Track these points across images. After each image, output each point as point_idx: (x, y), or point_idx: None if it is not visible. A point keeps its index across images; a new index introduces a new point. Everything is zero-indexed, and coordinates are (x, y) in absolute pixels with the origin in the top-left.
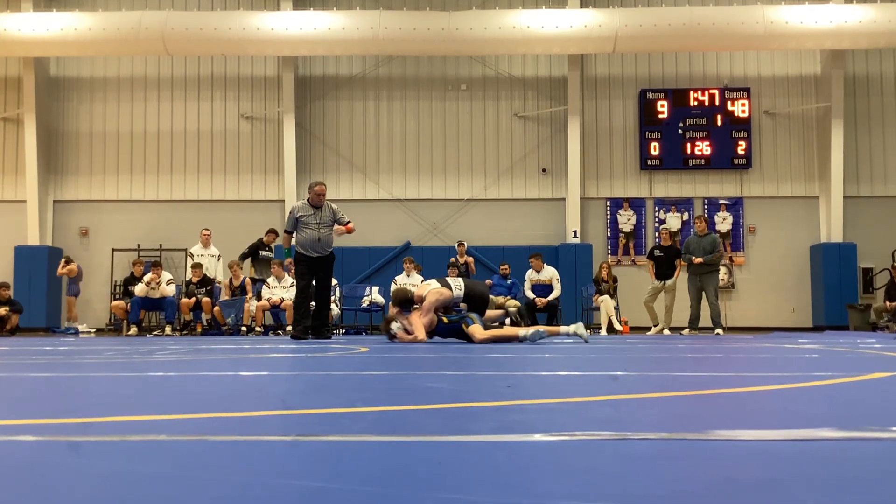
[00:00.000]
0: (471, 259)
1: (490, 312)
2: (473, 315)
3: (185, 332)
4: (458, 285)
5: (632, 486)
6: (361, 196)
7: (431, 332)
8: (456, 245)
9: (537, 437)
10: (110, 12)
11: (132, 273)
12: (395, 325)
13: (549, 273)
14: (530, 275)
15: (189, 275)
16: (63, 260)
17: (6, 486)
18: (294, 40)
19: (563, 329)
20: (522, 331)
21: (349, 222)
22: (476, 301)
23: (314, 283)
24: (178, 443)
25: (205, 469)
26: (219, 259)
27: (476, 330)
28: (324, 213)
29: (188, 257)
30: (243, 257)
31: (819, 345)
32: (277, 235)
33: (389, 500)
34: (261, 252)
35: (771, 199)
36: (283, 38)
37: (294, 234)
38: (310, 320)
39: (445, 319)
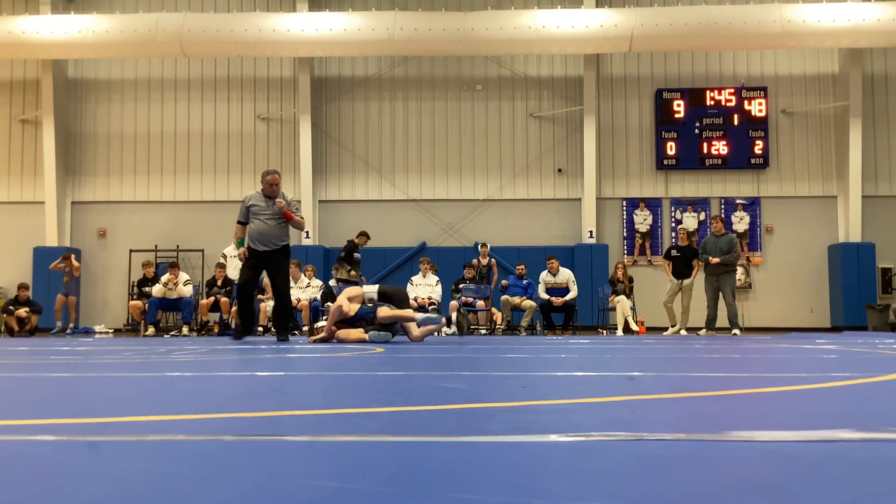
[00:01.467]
0: (494, 261)
1: (398, 312)
2: (384, 305)
3: (202, 332)
4: (370, 289)
5: (647, 488)
6: (377, 196)
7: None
8: (479, 246)
9: (552, 437)
10: (128, 14)
11: (144, 275)
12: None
13: (566, 276)
14: (545, 277)
15: (211, 274)
16: (73, 256)
17: (26, 486)
18: (310, 41)
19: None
20: (420, 315)
21: (297, 214)
22: (389, 299)
23: (263, 279)
24: (195, 443)
25: (221, 469)
26: None
27: (381, 310)
28: (276, 205)
29: (222, 257)
30: (340, 260)
31: (837, 345)
32: (369, 238)
33: (405, 500)
34: (354, 254)
35: (788, 199)
36: (299, 39)
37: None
38: (252, 322)
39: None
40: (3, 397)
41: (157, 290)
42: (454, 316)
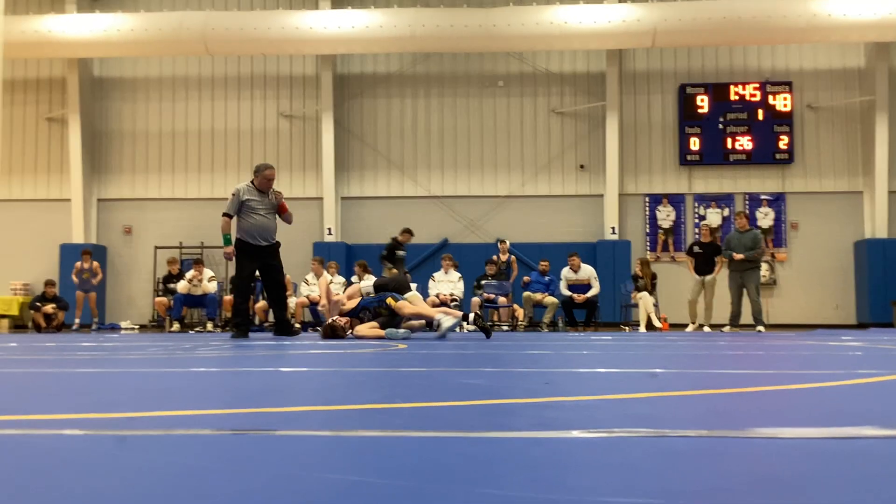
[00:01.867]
0: (514, 257)
1: (421, 310)
2: (394, 295)
3: (226, 328)
4: (367, 283)
5: (670, 483)
6: (399, 193)
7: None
8: (497, 243)
9: (574, 433)
10: (152, 13)
11: (169, 272)
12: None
13: (588, 272)
14: (567, 274)
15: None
16: (90, 255)
17: (55, 480)
18: (332, 39)
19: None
20: (446, 319)
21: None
22: (387, 289)
23: (260, 275)
24: (220, 437)
25: (246, 462)
26: None
27: (403, 304)
28: (270, 198)
29: None
30: (383, 258)
31: (863, 342)
32: (412, 234)
33: (427, 495)
34: (397, 252)
35: (814, 195)
36: (322, 36)
37: (236, 220)
38: (249, 320)
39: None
40: (32, 392)
41: (181, 286)
42: (470, 317)
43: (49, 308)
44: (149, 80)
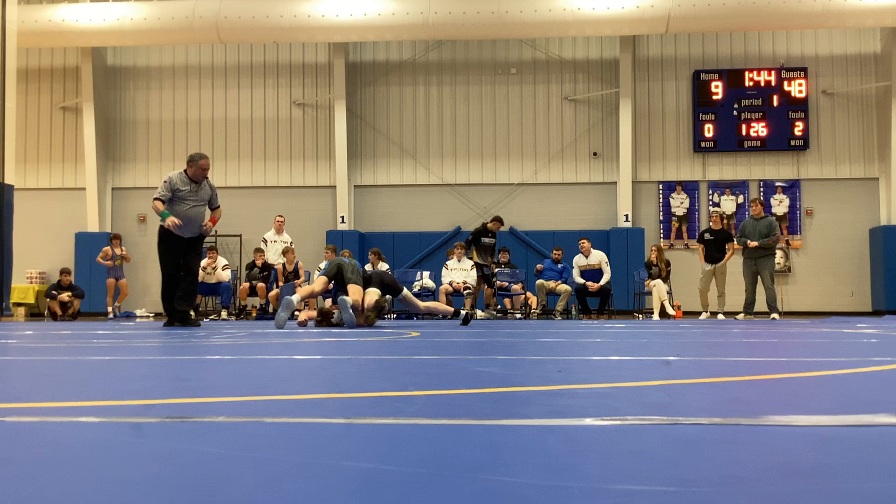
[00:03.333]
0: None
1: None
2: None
3: (240, 316)
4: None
5: (684, 471)
6: (412, 181)
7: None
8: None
9: (588, 421)
10: (165, 1)
11: None
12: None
13: (598, 257)
14: (578, 260)
15: (249, 259)
16: (119, 240)
17: (73, 466)
18: (345, 27)
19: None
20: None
21: (218, 207)
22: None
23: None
24: (235, 424)
25: (261, 449)
26: (291, 244)
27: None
28: (202, 190)
29: (262, 243)
30: (468, 244)
31: (878, 329)
32: (502, 223)
33: (441, 482)
34: (483, 238)
35: (829, 181)
36: (334, 24)
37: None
38: (176, 309)
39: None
40: (49, 380)
41: None
42: (462, 312)
43: (65, 296)
44: (162, 69)
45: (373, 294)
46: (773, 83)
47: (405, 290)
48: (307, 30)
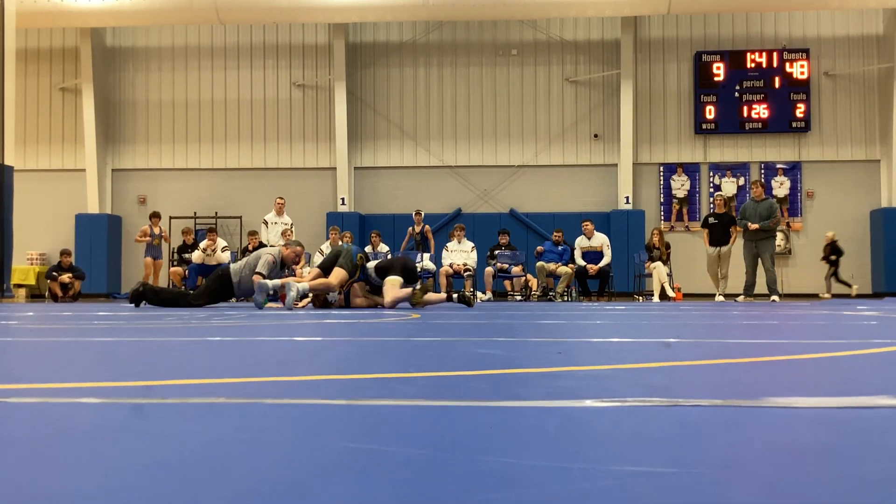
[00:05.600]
0: (428, 228)
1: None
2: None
3: (240, 298)
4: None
5: (684, 453)
6: (412, 163)
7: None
8: (414, 214)
9: (588, 402)
10: None
11: (184, 241)
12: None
13: (600, 240)
14: (580, 242)
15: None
16: (159, 219)
17: (73, 448)
18: (345, 7)
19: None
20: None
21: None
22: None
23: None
24: (236, 405)
25: (262, 431)
26: (291, 227)
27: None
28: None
29: (263, 224)
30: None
31: (878, 311)
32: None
33: (442, 463)
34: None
35: (830, 163)
36: (334, 4)
37: None
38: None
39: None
40: (49, 361)
41: (196, 256)
42: (480, 296)
43: (65, 277)
44: (161, 50)
45: (396, 285)
46: (774, 64)
47: (418, 284)
48: (307, 10)
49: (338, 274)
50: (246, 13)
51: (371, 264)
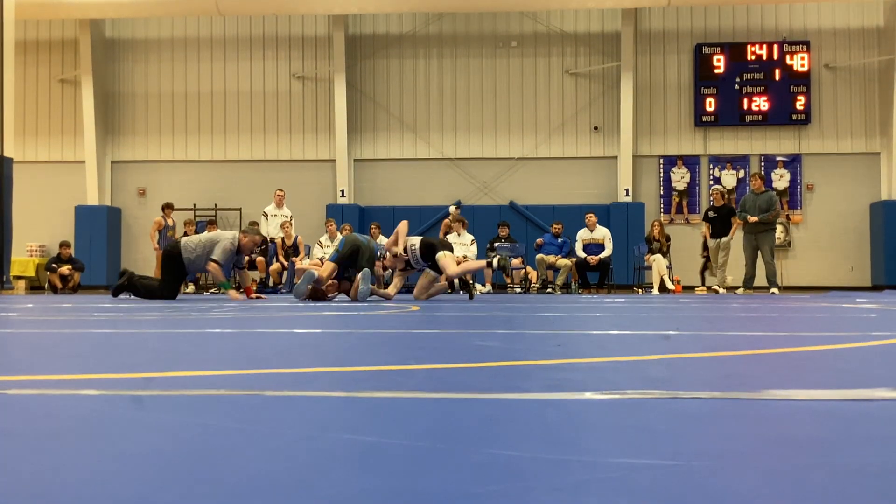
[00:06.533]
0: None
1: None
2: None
3: (240, 290)
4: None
5: (683, 445)
6: (412, 155)
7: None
8: (453, 207)
9: (588, 395)
10: None
11: (185, 233)
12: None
13: (602, 233)
14: (582, 234)
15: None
16: (171, 210)
17: (72, 440)
18: None
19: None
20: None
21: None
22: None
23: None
24: (235, 397)
25: (261, 423)
26: (291, 219)
27: (447, 263)
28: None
29: (263, 216)
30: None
31: (877, 304)
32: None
33: (441, 455)
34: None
35: (830, 156)
36: None
37: None
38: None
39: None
40: (49, 353)
41: None
42: (479, 288)
43: (65, 269)
44: (161, 42)
45: (454, 260)
46: (774, 57)
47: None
48: (306, 1)
49: (360, 278)
50: (245, 4)
51: (414, 242)
